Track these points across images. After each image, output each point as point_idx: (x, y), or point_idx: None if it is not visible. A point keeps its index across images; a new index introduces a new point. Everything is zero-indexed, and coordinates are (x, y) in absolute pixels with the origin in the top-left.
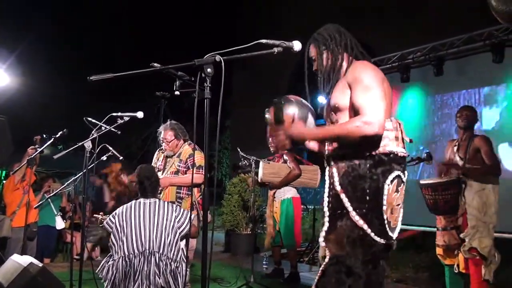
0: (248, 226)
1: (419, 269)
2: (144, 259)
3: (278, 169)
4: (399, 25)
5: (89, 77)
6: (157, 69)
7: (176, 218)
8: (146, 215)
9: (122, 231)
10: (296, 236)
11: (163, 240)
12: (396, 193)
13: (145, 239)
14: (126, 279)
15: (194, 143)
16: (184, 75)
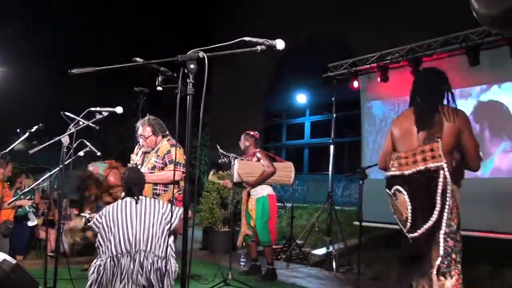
0: (226, 224)
1: (393, 266)
2: (131, 258)
3: (252, 168)
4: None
5: (70, 70)
6: (140, 64)
7: (164, 214)
8: (133, 213)
9: (109, 231)
10: (272, 233)
11: (150, 238)
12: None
13: (133, 238)
14: (113, 279)
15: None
16: (167, 70)
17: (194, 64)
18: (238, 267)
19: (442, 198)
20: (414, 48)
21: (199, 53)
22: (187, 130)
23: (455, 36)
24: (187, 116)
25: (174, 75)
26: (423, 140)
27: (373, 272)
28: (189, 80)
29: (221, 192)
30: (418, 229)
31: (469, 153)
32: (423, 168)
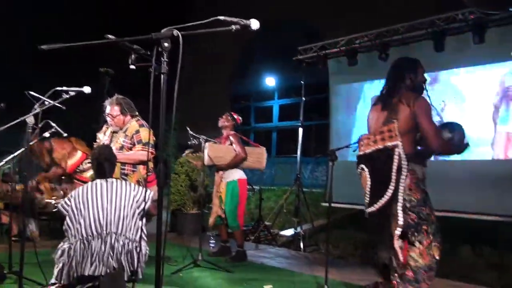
0: (195, 206)
1: (358, 245)
2: (102, 240)
3: (224, 152)
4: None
5: (39, 46)
6: (112, 41)
7: (135, 197)
8: (104, 195)
9: (79, 213)
10: (239, 218)
11: (121, 220)
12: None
13: (104, 220)
14: (83, 261)
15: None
16: (140, 48)
17: (168, 43)
18: (208, 248)
19: (397, 174)
20: (382, 33)
21: (174, 31)
22: (161, 110)
23: (422, 22)
24: (162, 96)
25: (148, 54)
26: (383, 121)
27: (340, 251)
28: (163, 59)
29: (190, 174)
30: (375, 203)
31: (426, 136)
32: (382, 147)
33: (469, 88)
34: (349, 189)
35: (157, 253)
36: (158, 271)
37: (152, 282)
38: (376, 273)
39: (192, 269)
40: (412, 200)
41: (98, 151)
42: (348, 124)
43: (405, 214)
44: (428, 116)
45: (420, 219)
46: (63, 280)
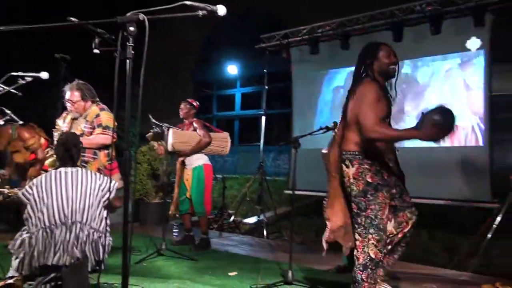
0: (157, 195)
1: (320, 232)
2: (66, 229)
3: (188, 138)
4: None
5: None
6: (74, 23)
7: (100, 186)
8: (69, 184)
9: (41, 201)
10: (206, 203)
11: (87, 209)
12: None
13: (68, 209)
14: (45, 251)
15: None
16: (104, 32)
17: (134, 27)
18: (171, 237)
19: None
20: (343, 22)
21: (139, 15)
22: (127, 96)
23: (382, 12)
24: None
25: (112, 38)
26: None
27: (302, 238)
28: (129, 43)
29: (152, 163)
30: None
31: (360, 122)
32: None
33: (425, 78)
34: (311, 177)
35: (123, 243)
36: (124, 261)
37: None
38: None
39: (155, 259)
40: (354, 190)
41: (65, 137)
42: (310, 112)
43: (351, 204)
44: (366, 102)
45: (359, 210)
46: (24, 271)
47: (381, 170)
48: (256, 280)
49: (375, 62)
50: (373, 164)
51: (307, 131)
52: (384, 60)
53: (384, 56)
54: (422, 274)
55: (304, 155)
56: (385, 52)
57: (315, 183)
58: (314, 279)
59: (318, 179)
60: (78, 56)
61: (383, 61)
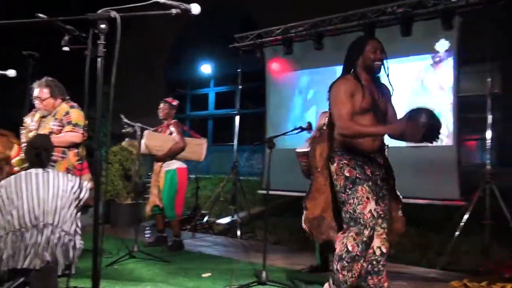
0: (129, 196)
1: (293, 231)
2: (38, 232)
3: (162, 141)
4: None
5: None
6: (43, 20)
7: (72, 188)
8: (40, 185)
9: (11, 203)
10: (177, 208)
11: (58, 211)
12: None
13: (39, 210)
14: (15, 254)
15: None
16: (74, 29)
17: (105, 24)
18: (143, 239)
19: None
20: (317, 23)
21: (111, 13)
22: (98, 95)
23: (354, 13)
24: (98, 80)
25: (83, 35)
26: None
27: (276, 237)
28: (100, 41)
29: (124, 163)
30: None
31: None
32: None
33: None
34: (285, 177)
35: (94, 245)
36: (95, 264)
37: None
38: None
39: (127, 261)
40: (336, 185)
41: (36, 140)
42: (284, 112)
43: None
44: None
45: (342, 204)
46: None
47: (363, 165)
48: (229, 281)
49: (360, 57)
50: (352, 159)
51: (280, 131)
52: (369, 55)
53: (369, 51)
54: (393, 272)
55: (277, 155)
56: (372, 47)
57: (289, 183)
58: (288, 279)
59: (292, 178)
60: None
61: (367, 56)
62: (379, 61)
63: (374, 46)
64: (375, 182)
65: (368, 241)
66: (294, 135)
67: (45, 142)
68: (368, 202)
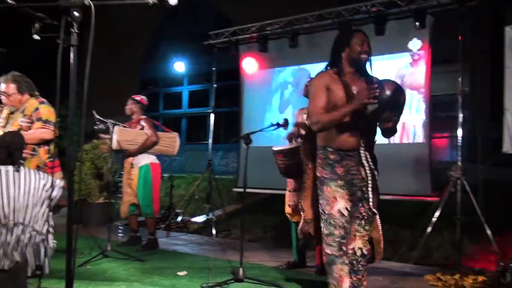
0: (101, 195)
1: (268, 229)
2: (7, 231)
3: (134, 136)
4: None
5: None
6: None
7: (45, 186)
8: (10, 183)
9: None
10: (154, 203)
11: (29, 210)
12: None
13: (9, 208)
14: None
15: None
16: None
17: (79, 12)
18: (117, 238)
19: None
20: (292, 21)
21: (85, 0)
22: (70, 87)
23: (329, 12)
24: (72, 71)
25: (55, 23)
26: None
27: (251, 235)
28: (73, 30)
29: (96, 162)
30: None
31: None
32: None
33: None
34: (259, 175)
35: (67, 245)
36: (69, 264)
37: (58, 276)
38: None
39: (100, 261)
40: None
41: (8, 139)
42: (259, 110)
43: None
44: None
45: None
46: None
47: (333, 164)
48: (206, 279)
49: (346, 49)
50: (325, 158)
51: (256, 129)
52: (356, 47)
53: (356, 44)
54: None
55: (252, 153)
56: (359, 40)
57: (263, 180)
58: (265, 276)
59: (266, 176)
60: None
61: (354, 48)
62: (365, 53)
63: (361, 39)
64: (350, 182)
65: (342, 241)
66: (268, 133)
67: (17, 140)
68: (336, 201)
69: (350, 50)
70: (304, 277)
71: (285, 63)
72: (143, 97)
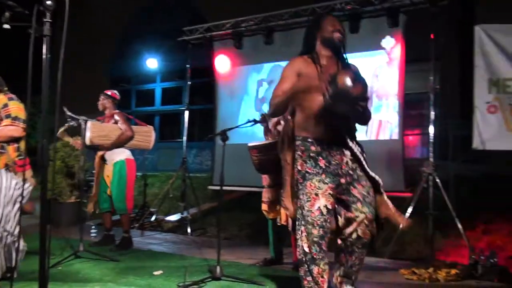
0: (73, 194)
1: (244, 226)
2: None
3: (108, 131)
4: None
5: None
6: None
7: (16, 184)
8: None
9: None
10: (128, 200)
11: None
12: None
13: None
14: None
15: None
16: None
17: (52, 0)
18: (89, 238)
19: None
20: (267, 18)
21: None
22: (43, 78)
23: (304, 9)
24: (44, 62)
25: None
26: None
27: (227, 233)
28: (46, 19)
29: (66, 160)
30: None
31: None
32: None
33: None
34: (234, 172)
35: (41, 245)
36: (42, 266)
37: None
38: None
39: (73, 261)
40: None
41: None
42: (234, 108)
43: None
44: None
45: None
46: None
47: (316, 157)
48: (183, 278)
49: (318, 32)
50: (305, 150)
51: (231, 126)
52: (327, 27)
53: (328, 24)
54: None
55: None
56: (330, 21)
57: (238, 178)
58: (242, 274)
59: (241, 174)
60: None
61: (326, 28)
62: (338, 32)
63: (332, 20)
64: (333, 172)
65: (320, 241)
66: (244, 130)
67: None
68: (317, 199)
69: (322, 31)
70: (281, 273)
71: (260, 60)
72: (115, 91)
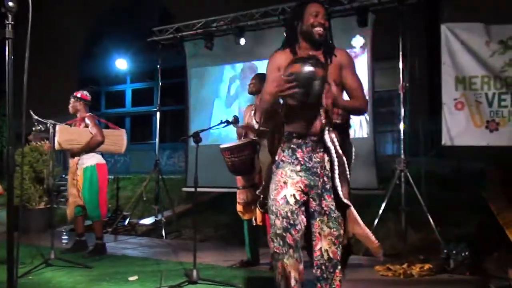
0: (42, 200)
1: (219, 228)
2: None
3: (77, 135)
4: None
5: None
6: None
7: None
8: None
9: None
10: (101, 206)
11: None
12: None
13: None
14: None
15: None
16: None
17: (14, 2)
18: (61, 245)
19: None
20: (238, 17)
21: None
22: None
23: (274, 9)
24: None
25: None
26: None
27: (202, 235)
28: (8, 21)
29: (35, 165)
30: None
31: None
32: None
33: None
34: (209, 173)
35: (8, 254)
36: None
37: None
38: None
39: (43, 270)
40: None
41: None
42: (207, 109)
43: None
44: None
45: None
46: None
47: (296, 148)
48: (158, 283)
49: (299, 23)
50: (287, 141)
51: (203, 127)
52: (309, 19)
53: (310, 15)
54: None
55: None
56: (313, 11)
57: (213, 179)
58: (219, 276)
59: (215, 175)
60: None
61: (307, 20)
62: (319, 26)
63: (315, 9)
64: (311, 169)
65: (284, 234)
66: (217, 131)
67: None
68: (284, 187)
69: (303, 23)
70: (258, 274)
71: (231, 60)
72: (85, 92)
